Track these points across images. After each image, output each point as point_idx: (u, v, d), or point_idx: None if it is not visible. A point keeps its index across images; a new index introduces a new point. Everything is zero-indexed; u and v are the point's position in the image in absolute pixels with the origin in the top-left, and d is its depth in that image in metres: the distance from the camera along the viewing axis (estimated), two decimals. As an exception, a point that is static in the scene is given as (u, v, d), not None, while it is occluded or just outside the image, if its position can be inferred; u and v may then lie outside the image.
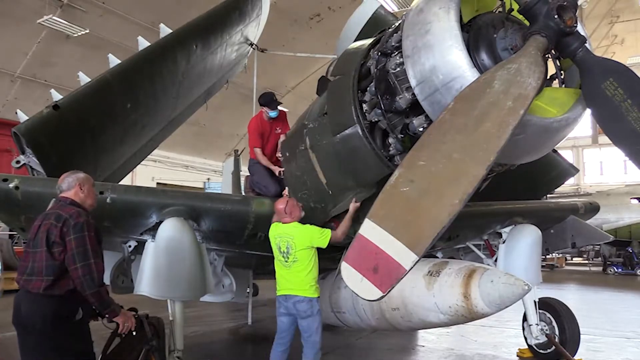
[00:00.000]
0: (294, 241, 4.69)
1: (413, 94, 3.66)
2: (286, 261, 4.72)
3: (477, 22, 3.65)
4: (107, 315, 3.34)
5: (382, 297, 2.67)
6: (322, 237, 4.69)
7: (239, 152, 10.93)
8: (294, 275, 4.69)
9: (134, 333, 3.60)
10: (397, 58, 3.85)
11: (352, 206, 4.70)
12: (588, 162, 31.33)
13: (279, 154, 5.94)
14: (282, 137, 6.19)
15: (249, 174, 6.52)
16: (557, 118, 3.33)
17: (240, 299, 7.42)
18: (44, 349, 3.14)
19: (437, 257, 6.03)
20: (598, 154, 30.55)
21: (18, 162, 4.82)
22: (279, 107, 6.44)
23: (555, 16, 3.10)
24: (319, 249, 4.76)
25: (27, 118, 4.98)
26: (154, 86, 6.15)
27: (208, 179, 24.50)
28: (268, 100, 6.24)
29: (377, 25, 5.61)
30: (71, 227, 3.17)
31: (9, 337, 7.72)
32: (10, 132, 4.80)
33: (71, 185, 3.46)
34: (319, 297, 4.74)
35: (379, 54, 4.20)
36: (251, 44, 8.57)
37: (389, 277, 2.63)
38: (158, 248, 4.70)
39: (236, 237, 5.38)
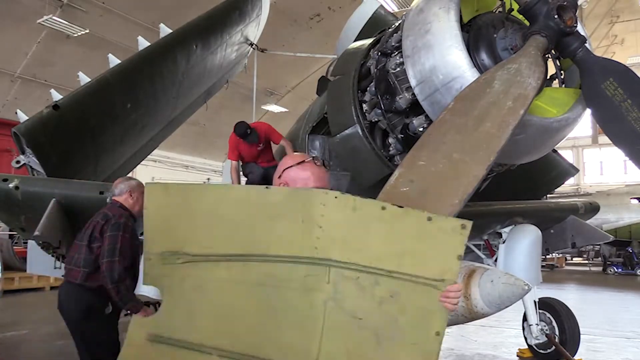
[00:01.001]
0: None
1: (413, 94, 3.66)
2: None
3: (477, 22, 3.66)
4: (129, 311, 3.48)
5: (382, 297, 2.67)
6: None
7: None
8: None
9: None
10: (397, 58, 3.85)
11: None
12: (588, 162, 31.31)
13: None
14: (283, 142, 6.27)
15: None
16: (557, 118, 3.33)
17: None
18: (75, 337, 3.47)
19: (437, 257, 6.02)
20: (598, 154, 30.53)
21: (18, 162, 4.81)
22: (280, 107, 6.52)
23: (555, 16, 3.10)
24: None
25: (27, 118, 4.97)
26: (154, 86, 6.14)
27: (208, 179, 24.49)
28: (241, 133, 6.08)
29: (377, 25, 5.61)
30: (111, 225, 3.51)
31: (9, 337, 7.73)
32: (10, 132, 4.80)
33: (122, 191, 3.84)
34: None
35: (379, 54, 4.20)
36: (251, 44, 8.57)
37: (389, 277, 2.63)
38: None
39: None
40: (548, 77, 3.55)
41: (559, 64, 3.61)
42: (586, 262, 25.27)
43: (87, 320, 3.43)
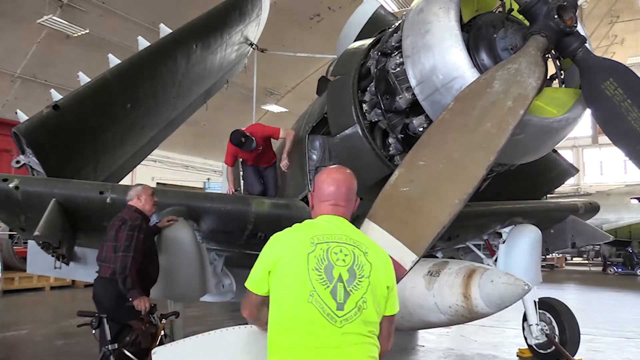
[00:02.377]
0: (369, 261, 2.04)
1: (413, 94, 3.66)
2: (340, 308, 1.92)
3: (477, 22, 3.66)
4: (130, 298, 4.00)
5: (382, 297, 2.67)
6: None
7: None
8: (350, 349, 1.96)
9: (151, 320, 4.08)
10: (397, 58, 3.85)
11: None
12: (588, 162, 31.27)
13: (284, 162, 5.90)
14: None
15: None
16: (557, 118, 3.33)
17: (240, 299, 7.40)
18: (109, 321, 4.01)
19: (437, 257, 6.03)
20: (598, 154, 30.50)
21: (18, 162, 4.81)
22: (280, 107, 6.53)
23: (555, 16, 3.10)
24: None
25: (27, 118, 4.97)
26: (154, 86, 6.14)
27: (208, 179, 24.48)
28: (236, 143, 6.01)
29: (377, 25, 5.61)
30: (127, 226, 4.11)
31: (9, 336, 7.72)
32: (10, 132, 4.79)
33: (132, 196, 4.42)
34: None
35: (379, 54, 4.20)
36: (251, 44, 8.56)
37: (389, 277, 2.63)
38: (158, 248, 4.70)
39: (236, 237, 5.38)
40: (548, 77, 3.55)
41: (559, 64, 3.61)
42: (586, 262, 25.25)
43: (117, 307, 4.03)
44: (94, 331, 3.98)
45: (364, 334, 1.92)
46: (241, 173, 6.99)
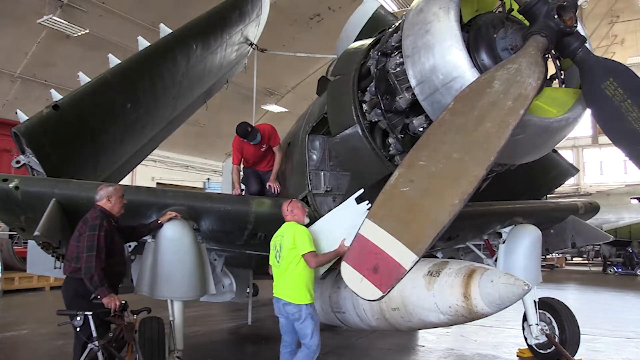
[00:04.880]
0: (284, 239, 4.50)
1: (413, 94, 3.66)
2: (277, 260, 4.55)
3: (477, 22, 3.66)
4: (98, 296, 3.96)
5: (382, 297, 2.68)
6: (304, 245, 4.37)
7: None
8: (282, 276, 4.50)
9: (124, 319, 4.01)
10: (397, 58, 3.85)
11: (340, 247, 4.46)
12: (588, 162, 31.27)
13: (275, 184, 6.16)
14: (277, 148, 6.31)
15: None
16: (557, 118, 3.33)
17: (240, 299, 7.42)
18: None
19: (437, 257, 6.03)
20: (598, 154, 30.51)
21: (18, 162, 4.81)
22: (280, 107, 6.48)
23: (555, 16, 3.10)
24: None
25: (27, 118, 4.97)
26: (154, 86, 6.14)
27: (208, 179, 24.49)
28: (243, 134, 6.03)
29: (377, 25, 5.62)
30: (88, 226, 4.10)
31: (9, 337, 7.73)
32: (10, 132, 4.79)
33: (102, 197, 4.36)
34: (310, 303, 4.43)
35: (379, 54, 4.21)
36: (251, 44, 8.57)
37: (389, 277, 2.64)
38: (158, 248, 4.70)
39: (236, 237, 5.38)
40: (548, 77, 3.55)
41: (559, 64, 3.61)
42: (586, 262, 25.22)
43: (73, 305, 4.04)
44: (77, 329, 3.94)
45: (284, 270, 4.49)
46: (241, 174, 6.99)
